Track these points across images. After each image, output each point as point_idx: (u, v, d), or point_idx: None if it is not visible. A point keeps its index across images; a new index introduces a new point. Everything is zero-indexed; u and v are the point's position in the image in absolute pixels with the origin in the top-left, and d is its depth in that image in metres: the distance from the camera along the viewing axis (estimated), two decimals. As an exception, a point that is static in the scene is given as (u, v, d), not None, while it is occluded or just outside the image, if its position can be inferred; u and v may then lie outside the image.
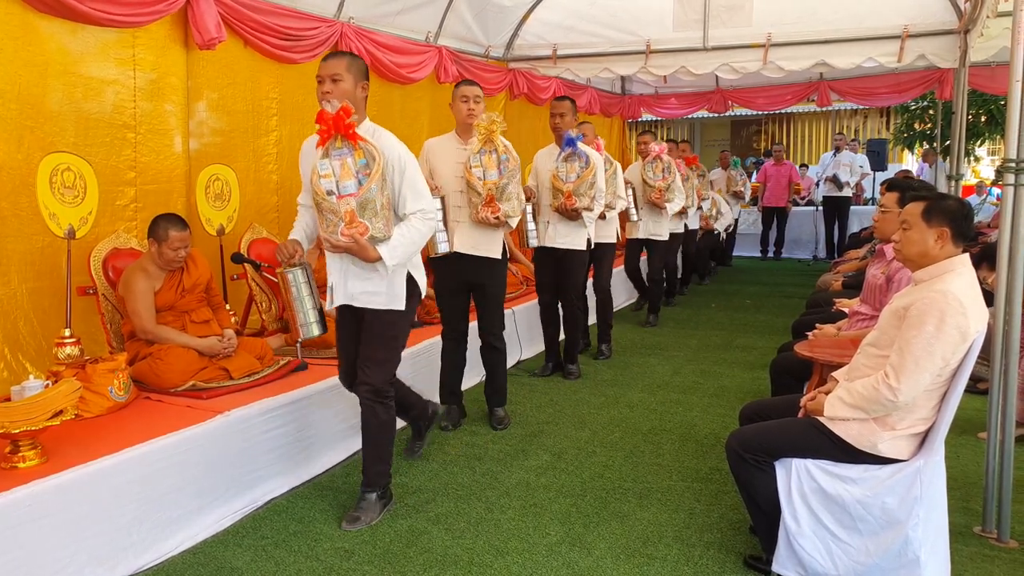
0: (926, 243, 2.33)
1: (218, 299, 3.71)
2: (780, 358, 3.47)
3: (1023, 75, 2.64)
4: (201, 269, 3.53)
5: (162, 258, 3.31)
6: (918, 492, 2.24)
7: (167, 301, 3.35)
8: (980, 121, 11.19)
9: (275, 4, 4.31)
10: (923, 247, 2.34)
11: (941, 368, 2.20)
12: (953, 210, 2.33)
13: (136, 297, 3.26)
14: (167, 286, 3.36)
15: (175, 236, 3.29)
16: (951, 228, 2.31)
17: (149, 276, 3.33)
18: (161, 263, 3.33)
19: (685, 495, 3.14)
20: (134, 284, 3.28)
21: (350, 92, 2.78)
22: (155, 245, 3.29)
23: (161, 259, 3.31)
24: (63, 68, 3.36)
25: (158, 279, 3.35)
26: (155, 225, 3.32)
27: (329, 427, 3.51)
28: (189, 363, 3.26)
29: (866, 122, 15.55)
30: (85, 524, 2.43)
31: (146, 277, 3.31)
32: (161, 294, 3.34)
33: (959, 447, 3.55)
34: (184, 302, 3.42)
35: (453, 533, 2.83)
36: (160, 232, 3.28)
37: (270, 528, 2.90)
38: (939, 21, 5.85)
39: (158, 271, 3.35)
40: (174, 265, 3.36)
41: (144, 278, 3.30)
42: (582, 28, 6.83)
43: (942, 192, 2.74)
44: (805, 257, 10.98)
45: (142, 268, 3.34)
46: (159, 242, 3.28)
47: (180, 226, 3.33)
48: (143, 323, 3.26)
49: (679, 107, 10.29)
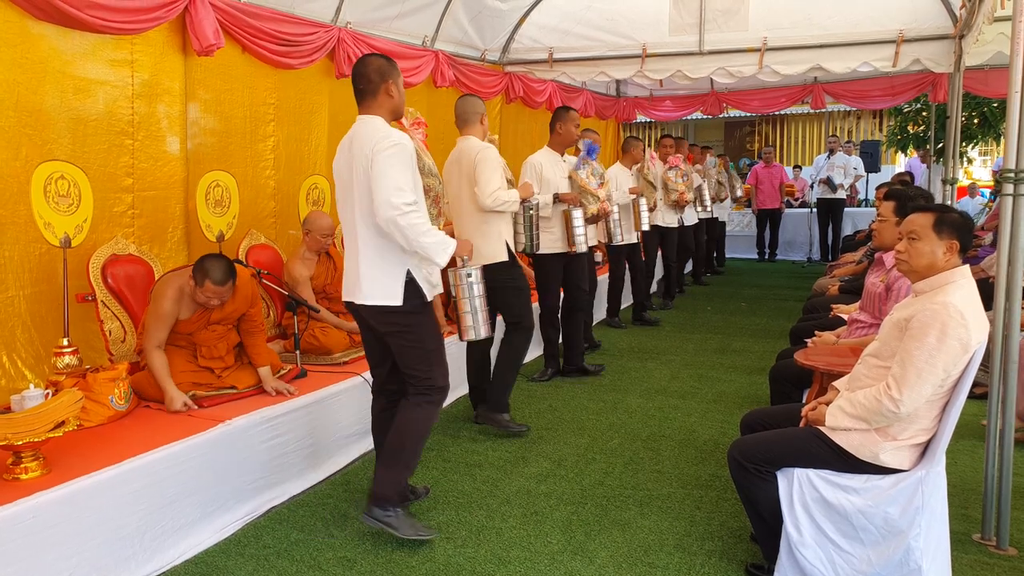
0: (935, 255, 2.36)
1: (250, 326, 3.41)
2: (780, 365, 3.49)
3: (1022, 85, 2.65)
4: (238, 303, 3.30)
5: (194, 298, 3.17)
6: (920, 502, 2.26)
7: (188, 328, 3.25)
8: (973, 123, 11.27)
9: (273, 10, 4.29)
10: (932, 259, 2.36)
11: (943, 379, 2.21)
12: (960, 223, 2.37)
13: (155, 313, 3.15)
14: (195, 319, 3.25)
15: (209, 288, 3.08)
16: (960, 241, 2.34)
17: (179, 303, 3.16)
18: (194, 298, 3.18)
19: (685, 502, 3.15)
20: (162, 303, 3.13)
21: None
22: (192, 284, 3.13)
23: (194, 298, 3.18)
24: (60, 75, 3.35)
25: (189, 309, 3.22)
26: (199, 264, 3.11)
27: (330, 435, 3.50)
28: (186, 375, 3.23)
29: (859, 124, 15.65)
30: (88, 535, 2.43)
31: (175, 304, 3.15)
32: (186, 321, 3.23)
33: (957, 453, 3.58)
34: (203, 336, 3.29)
35: (455, 542, 2.84)
36: (198, 276, 3.09)
37: (272, 537, 2.89)
38: (934, 26, 5.88)
39: (192, 302, 3.21)
40: (207, 306, 3.21)
41: (174, 304, 3.14)
42: (578, 32, 6.83)
43: (942, 204, 2.76)
44: (799, 259, 11.03)
45: (181, 291, 3.15)
46: (196, 283, 3.11)
47: (218, 278, 3.07)
48: (147, 340, 3.16)
49: (674, 109, 10.31)
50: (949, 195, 6.13)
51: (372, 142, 2.67)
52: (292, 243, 4.56)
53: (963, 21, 5.57)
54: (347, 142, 2.83)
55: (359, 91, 2.82)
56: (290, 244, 4.56)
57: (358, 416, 3.69)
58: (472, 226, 3.87)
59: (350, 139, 2.82)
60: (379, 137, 2.68)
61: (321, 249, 4.16)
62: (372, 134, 2.70)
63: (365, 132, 2.74)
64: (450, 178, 3.95)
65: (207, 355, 3.33)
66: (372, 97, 2.80)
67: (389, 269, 2.76)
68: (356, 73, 2.82)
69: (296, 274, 4.04)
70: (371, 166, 2.64)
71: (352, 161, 2.75)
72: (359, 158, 2.71)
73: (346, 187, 2.82)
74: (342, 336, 4.06)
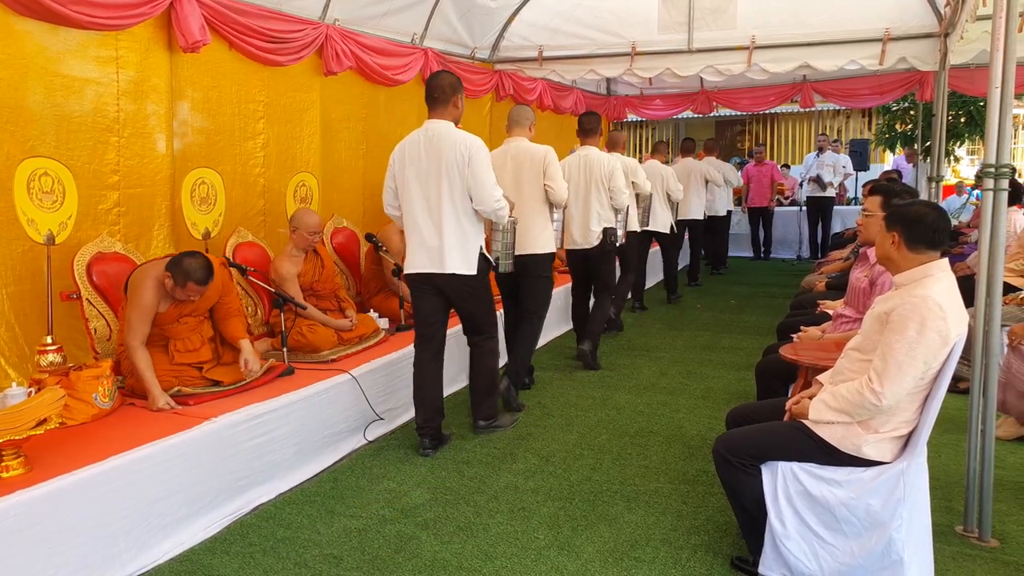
0: (884, 246, 2.43)
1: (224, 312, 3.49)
2: (765, 360, 3.50)
3: (1002, 81, 2.68)
4: (209, 294, 3.33)
5: (173, 295, 3.21)
6: (901, 494, 2.28)
7: (162, 321, 3.27)
8: (960, 122, 11.34)
9: (260, 6, 4.28)
10: (883, 250, 2.44)
11: (923, 372, 2.23)
12: (906, 215, 2.38)
13: (135, 306, 3.16)
14: (171, 309, 3.28)
15: (192, 289, 3.15)
16: (903, 234, 2.36)
17: (157, 295, 3.17)
18: (173, 295, 3.23)
19: (672, 497, 3.16)
20: (142, 295, 3.15)
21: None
22: (171, 281, 3.15)
23: (172, 294, 3.21)
24: (44, 71, 3.33)
25: (166, 302, 3.25)
26: (177, 265, 3.14)
27: (316, 433, 3.50)
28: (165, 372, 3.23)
29: (848, 122, 15.73)
30: (72, 534, 2.41)
31: (154, 296, 3.17)
32: (162, 315, 3.25)
33: (940, 447, 3.61)
34: (175, 329, 3.32)
35: (441, 538, 2.84)
36: (179, 277, 3.13)
37: (258, 535, 2.89)
38: (919, 25, 5.92)
39: (169, 296, 3.24)
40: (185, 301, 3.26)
41: (153, 296, 3.16)
42: (567, 30, 6.85)
43: (914, 199, 2.79)
44: (789, 257, 11.08)
45: (159, 281, 3.18)
46: (175, 282, 3.14)
47: (199, 278, 3.15)
48: (129, 336, 3.16)
49: (664, 108, 10.34)
50: (935, 192, 6.17)
51: (463, 142, 3.44)
52: (282, 241, 4.55)
53: (947, 19, 5.61)
54: (421, 138, 3.52)
55: (433, 99, 3.53)
56: (280, 242, 4.55)
57: (345, 414, 3.68)
58: (532, 215, 4.30)
59: (427, 136, 3.50)
60: (469, 140, 3.46)
61: (308, 247, 4.15)
62: (456, 135, 3.47)
63: (447, 132, 3.48)
64: (504, 170, 4.23)
65: (182, 348, 3.34)
66: (443, 105, 3.52)
67: (468, 246, 3.53)
68: (433, 84, 3.54)
69: (283, 271, 4.03)
70: (467, 164, 3.42)
71: (439, 155, 3.45)
72: (449, 153, 3.43)
73: (426, 176, 3.49)
74: (330, 334, 4.05)
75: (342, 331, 4.15)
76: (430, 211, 3.50)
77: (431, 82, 3.55)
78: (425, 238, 3.52)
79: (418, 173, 3.50)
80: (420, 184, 3.50)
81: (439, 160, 3.44)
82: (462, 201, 3.46)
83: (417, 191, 3.51)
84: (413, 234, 3.57)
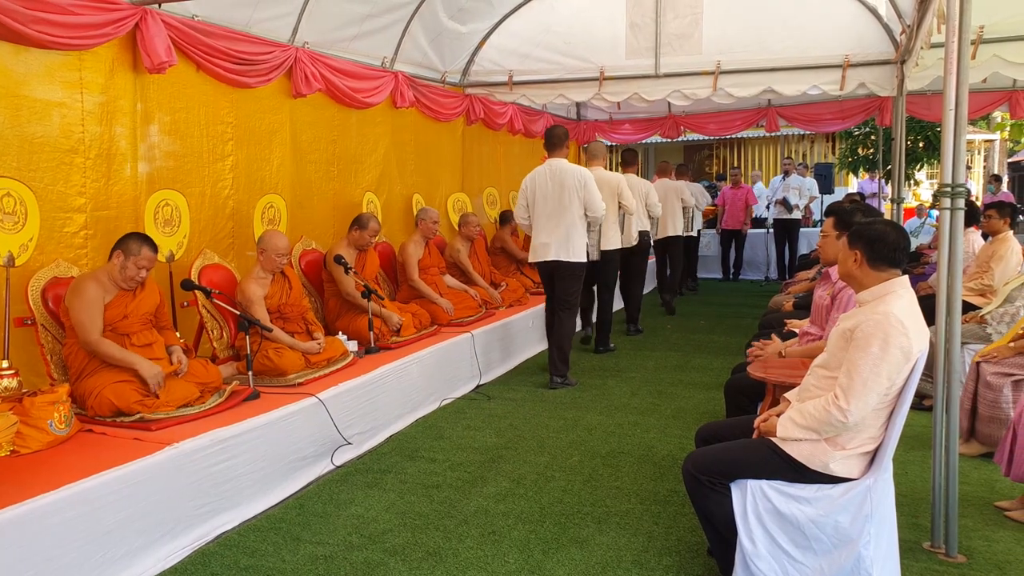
0: (847, 264, 2.48)
1: (165, 321, 3.63)
2: (734, 379, 3.52)
3: (955, 103, 2.76)
4: (151, 296, 3.45)
5: (123, 273, 3.26)
6: (869, 510, 2.29)
7: (110, 319, 3.26)
8: (919, 147, 11.68)
9: (228, 28, 4.27)
10: (845, 267, 2.50)
11: (887, 388, 2.26)
12: (866, 233, 2.44)
13: (84, 305, 3.15)
14: (116, 303, 3.28)
15: (146, 254, 3.29)
16: (864, 251, 2.43)
17: (102, 287, 3.24)
18: (120, 279, 3.27)
19: (643, 518, 3.14)
20: (85, 291, 3.17)
21: None
22: (121, 258, 3.25)
23: (122, 274, 3.26)
24: (6, 91, 3.27)
25: (110, 293, 3.27)
26: (128, 239, 3.31)
27: (282, 458, 3.42)
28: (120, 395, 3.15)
29: (812, 147, 16.10)
30: (22, 567, 2.31)
31: (99, 287, 3.23)
32: (108, 310, 3.25)
33: (907, 464, 3.64)
34: (126, 324, 3.32)
35: (410, 564, 2.78)
36: (133, 246, 3.27)
37: (220, 564, 2.80)
38: (877, 52, 6.12)
39: (113, 286, 3.28)
40: (132, 284, 3.31)
41: (97, 287, 3.22)
42: (537, 55, 6.94)
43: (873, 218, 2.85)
44: (757, 278, 11.23)
45: (96, 278, 3.25)
46: (127, 255, 3.25)
47: (152, 247, 3.35)
48: (87, 334, 3.13)
49: (633, 132, 10.48)
50: (896, 214, 6.32)
51: (580, 174, 5.15)
52: (250, 263, 4.48)
53: (903, 47, 5.80)
54: (547, 171, 5.20)
55: (552, 144, 5.25)
56: (248, 264, 4.48)
57: (312, 438, 3.62)
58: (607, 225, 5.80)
59: (551, 170, 5.18)
60: (582, 172, 5.18)
61: (276, 268, 4.10)
62: (573, 169, 5.15)
63: (567, 168, 5.15)
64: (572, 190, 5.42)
65: (138, 343, 3.34)
66: (560, 148, 5.25)
67: (581, 243, 5.19)
68: (552, 134, 5.26)
69: (249, 293, 3.97)
70: (583, 187, 5.12)
71: (563, 182, 5.12)
72: (571, 180, 5.11)
73: (554, 196, 5.14)
74: (296, 357, 3.99)
75: (310, 354, 4.08)
76: (553, 219, 5.14)
77: (551, 132, 5.25)
78: (549, 238, 5.15)
79: (545, 195, 5.16)
80: (548, 202, 5.15)
81: (562, 184, 5.10)
82: (578, 211, 5.12)
83: (542, 207, 5.17)
84: (540, 234, 5.21)
